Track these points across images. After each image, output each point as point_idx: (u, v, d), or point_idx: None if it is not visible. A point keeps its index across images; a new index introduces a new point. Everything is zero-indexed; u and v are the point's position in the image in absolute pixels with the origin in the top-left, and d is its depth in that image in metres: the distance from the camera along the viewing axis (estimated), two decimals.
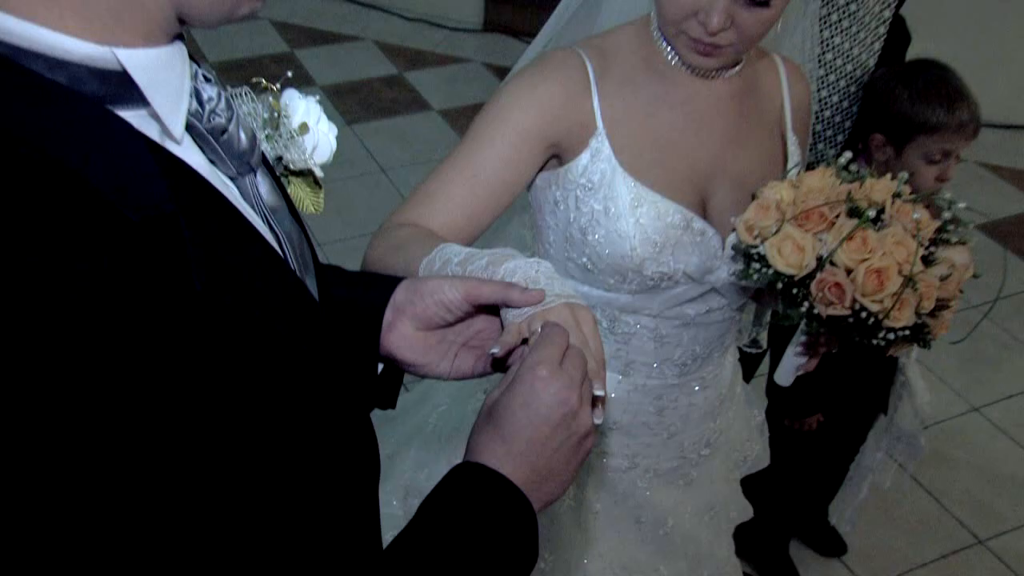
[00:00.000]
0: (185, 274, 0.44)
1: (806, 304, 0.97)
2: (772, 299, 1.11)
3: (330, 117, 0.87)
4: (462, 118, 3.41)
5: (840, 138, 1.58)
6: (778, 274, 0.96)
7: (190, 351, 0.43)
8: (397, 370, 0.77)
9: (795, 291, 0.97)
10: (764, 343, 1.39)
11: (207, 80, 0.54)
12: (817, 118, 1.54)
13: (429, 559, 0.57)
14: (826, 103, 1.54)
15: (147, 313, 0.42)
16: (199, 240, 0.46)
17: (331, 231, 2.68)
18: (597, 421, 0.65)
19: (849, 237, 0.93)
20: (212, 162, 0.54)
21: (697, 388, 1.21)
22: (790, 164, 1.10)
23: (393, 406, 0.79)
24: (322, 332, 0.57)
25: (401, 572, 0.57)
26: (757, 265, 0.98)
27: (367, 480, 0.62)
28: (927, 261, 0.96)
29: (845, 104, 1.56)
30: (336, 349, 0.59)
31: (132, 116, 0.47)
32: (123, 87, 0.46)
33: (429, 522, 0.60)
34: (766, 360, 1.62)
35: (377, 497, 0.65)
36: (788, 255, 0.95)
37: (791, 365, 1.14)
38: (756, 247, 0.97)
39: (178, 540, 0.43)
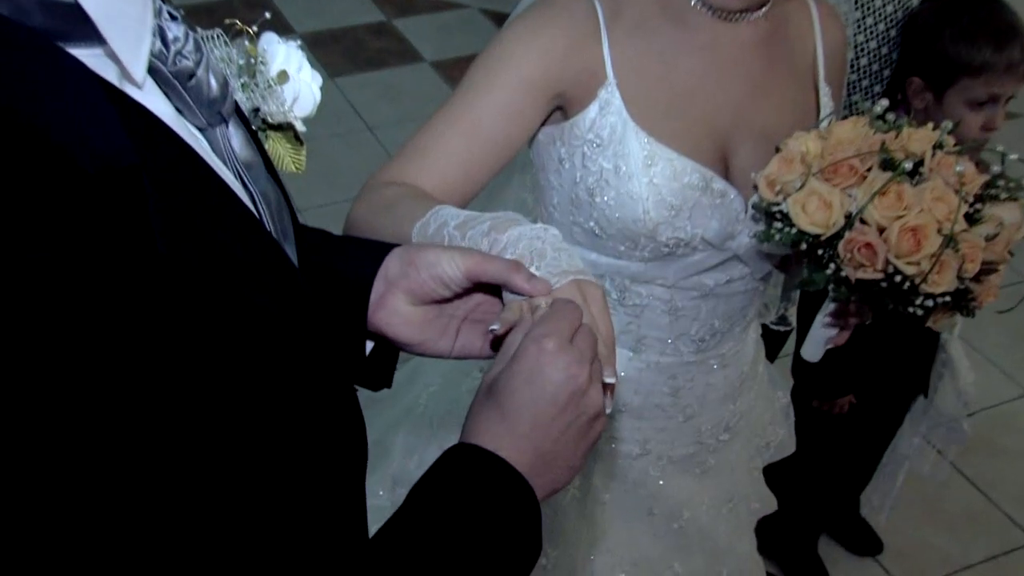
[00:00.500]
0: (147, 235, 0.44)
1: (833, 267, 0.96)
2: (800, 265, 1.11)
3: None
4: (456, 70, 3.39)
5: (877, 88, 1.58)
6: (802, 234, 0.96)
7: (153, 321, 0.43)
8: (390, 348, 0.76)
9: (821, 252, 0.97)
10: (793, 320, 1.38)
11: (173, 18, 0.52)
12: (852, 66, 1.54)
13: (419, 551, 0.57)
14: (863, 49, 1.53)
15: (105, 277, 0.41)
16: (163, 196, 0.45)
17: (311, 195, 2.68)
18: (607, 410, 0.65)
19: (882, 192, 0.93)
20: (178, 110, 0.54)
21: (716, 366, 1.21)
22: (822, 117, 1.10)
23: (388, 385, 0.79)
24: (303, 303, 0.56)
25: (388, 566, 0.57)
26: (779, 224, 0.97)
27: (353, 467, 0.61)
28: (971, 219, 0.95)
29: (884, 50, 1.55)
30: (319, 323, 0.59)
31: (86, 56, 0.46)
32: (75, 21, 0.45)
33: (419, 510, 0.59)
34: (792, 339, 1.63)
35: (364, 486, 0.65)
36: (813, 212, 0.95)
37: (819, 338, 1.14)
38: (778, 204, 0.97)
39: (142, 526, 0.43)
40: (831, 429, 1.82)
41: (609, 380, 0.66)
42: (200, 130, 0.56)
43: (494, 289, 0.72)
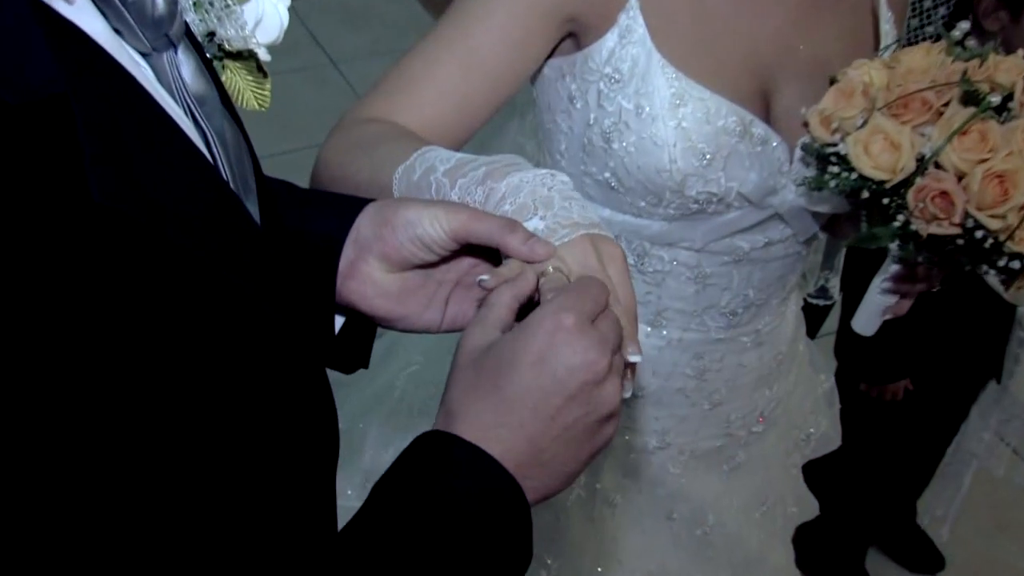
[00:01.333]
0: (78, 178, 0.43)
1: (901, 218, 0.96)
2: (850, 225, 1.11)
3: None
4: None
5: (943, 11, 1.57)
6: (864, 180, 0.95)
7: (83, 285, 0.42)
8: (366, 322, 0.76)
9: (887, 202, 0.96)
10: (835, 293, 1.38)
11: None
12: None
13: (382, 563, 0.57)
14: None
15: (24, 229, 0.41)
16: (97, 133, 0.45)
17: (264, 141, 2.65)
18: (625, 395, 0.65)
19: (962, 131, 0.92)
20: (117, 32, 0.53)
21: (749, 344, 1.21)
22: (882, 48, 1.10)
23: (365, 365, 0.79)
24: (266, 270, 0.56)
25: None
26: (836, 169, 0.96)
27: (322, 461, 0.62)
28: None
29: None
30: (285, 294, 0.59)
31: None
32: None
33: (384, 514, 0.60)
34: (835, 313, 1.63)
35: (334, 481, 0.65)
36: (878, 155, 0.94)
37: (875, 306, 1.14)
38: (835, 145, 0.96)
39: (93, 514, 0.44)
40: (882, 420, 1.83)
41: (633, 358, 0.65)
42: (143, 56, 0.55)
43: (491, 252, 0.72)
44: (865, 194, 0.96)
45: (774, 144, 1.06)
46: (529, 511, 0.62)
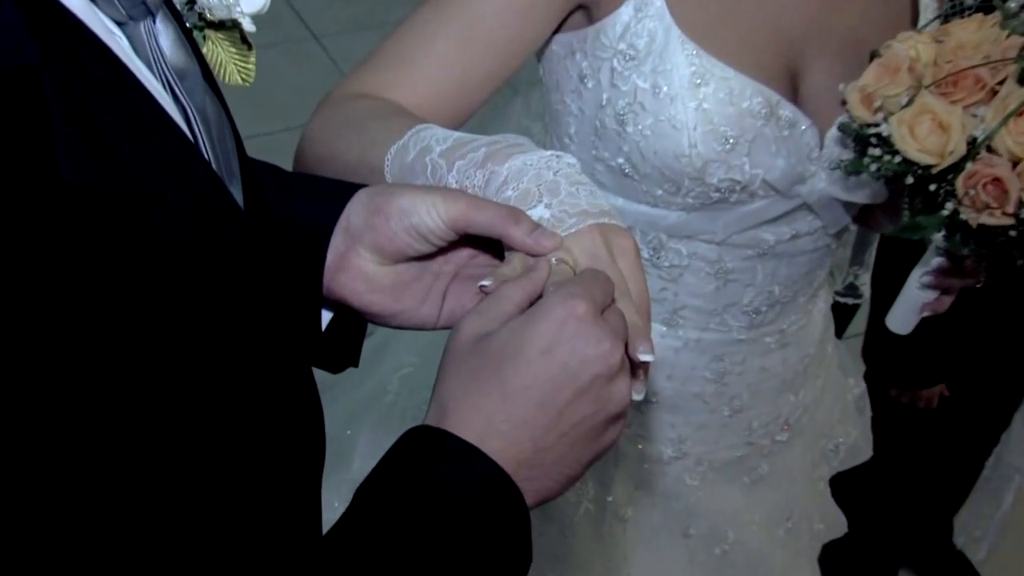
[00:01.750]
0: (48, 155, 0.43)
1: (949, 207, 0.95)
2: (886, 216, 1.11)
3: None
4: None
5: None
6: (908, 164, 0.94)
7: (52, 267, 0.42)
8: (356, 318, 0.76)
9: (934, 189, 0.96)
10: (865, 291, 1.39)
11: None
12: None
13: (368, 569, 0.58)
14: None
15: None
16: (69, 106, 0.45)
17: (241, 121, 2.65)
18: (637, 396, 0.65)
19: (1019, 113, 0.91)
20: None
21: (773, 346, 1.21)
22: (922, 22, 1.09)
23: (354, 363, 0.79)
24: (252, 256, 0.57)
25: None
26: (877, 152, 0.96)
27: (308, 470, 0.62)
28: None
29: None
30: (270, 287, 0.59)
31: None
32: None
33: (368, 519, 0.59)
34: (862, 313, 1.63)
35: (319, 491, 0.65)
36: (925, 137, 0.94)
37: (913, 303, 1.13)
38: (876, 126, 0.96)
39: (63, 513, 0.44)
40: (916, 429, 1.83)
41: (645, 357, 0.65)
42: (119, 24, 0.55)
43: (491, 241, 0.72)
44: (909, 180, 0.96)
45: (803, 127, 1.05)
46: (528, 517, 0.62)
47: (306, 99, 1.02)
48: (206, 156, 0.58)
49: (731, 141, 1.03)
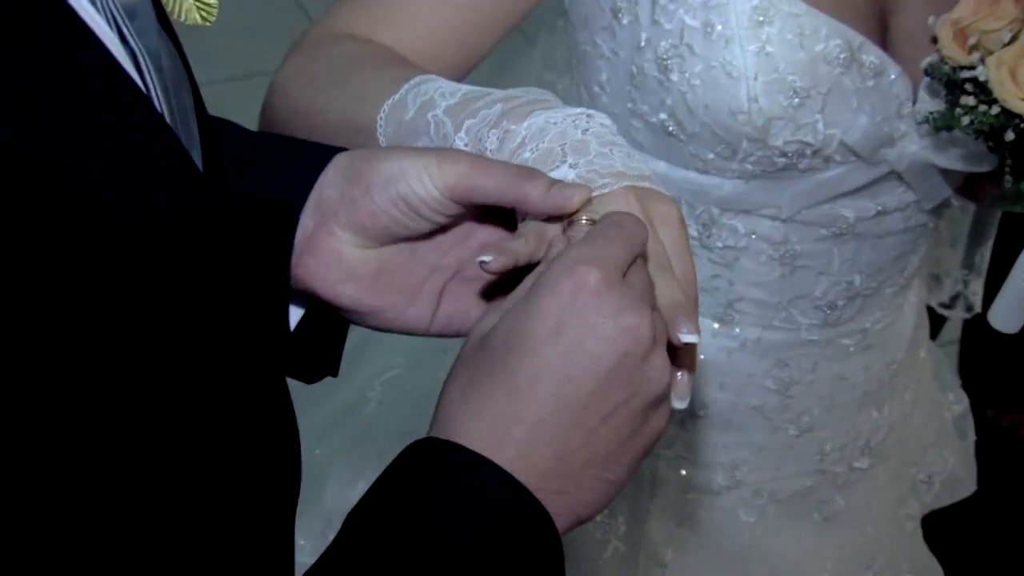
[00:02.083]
0: None
1: None
2: (997, 188, 1.05)
3: None
4: None
5: None
6: (1008, 116, 0.91)
7: None
8: (335, 317, 0.77)
9: None
10: (977, 303, 1.37)
11: None
12: None
13: None
14: None
15: None
16: (3, 54, 0.45)
17: (197, 72, 2.77)
18: (679, 404, 0.66)
19: None
20: None
21: (852, 349, 1.18)
22: None
23: (333, 372, 0.80)
24: (215, 234, 0.56)
25: None
26: (971, 101, 0.93)
27: (280, 499, 0.62)
28: None
29: None
30: (234, 269, 0.59)
31: None
32: None
33: (360, 552, 0.60)
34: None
35: (292, 527, 0.65)
36: None
37: (1020, 294, 1.10)
38: (972, 68, 0.93)
39: None
40: (1020, 459, 1.82)
41: (688, 338, 0.64)
42: None
43: (505, 218, 0.72)
44: (1010, 136, 0.93)
45: (892, 76, 1.01)
46: (560, 542, 0.61)
47: (271, 47, 1.10)
48: (159, 108, 0.57)
49: (801, 93, 1.00)
